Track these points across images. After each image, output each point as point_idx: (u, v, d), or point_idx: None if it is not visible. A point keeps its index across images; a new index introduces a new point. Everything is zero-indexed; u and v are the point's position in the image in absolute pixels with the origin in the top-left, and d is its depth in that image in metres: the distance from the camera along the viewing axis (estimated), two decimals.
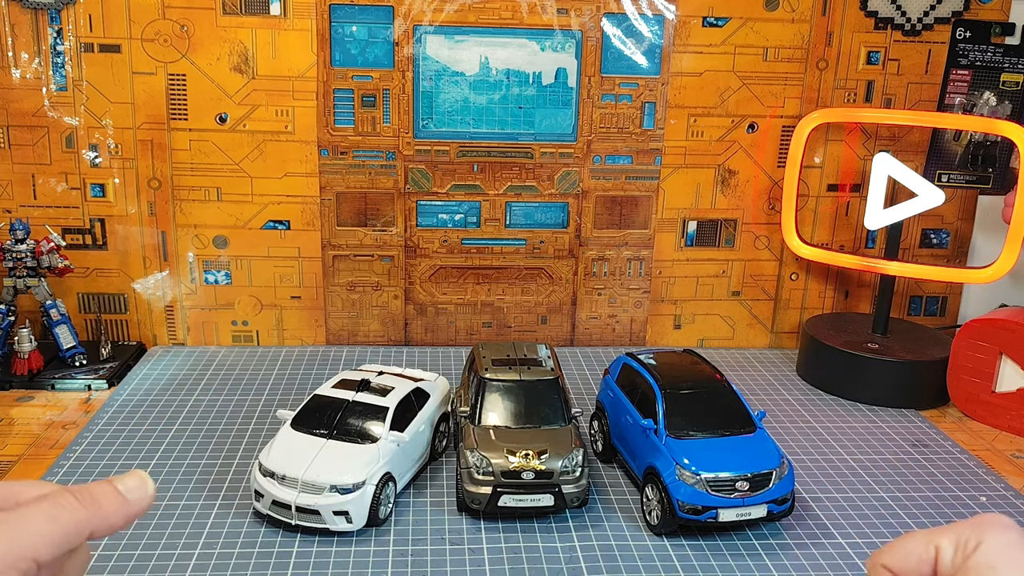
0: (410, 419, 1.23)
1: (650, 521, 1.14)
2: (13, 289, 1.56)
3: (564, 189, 1.72)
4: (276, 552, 1.07)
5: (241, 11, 1.57)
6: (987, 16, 1.70)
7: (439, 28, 1.61)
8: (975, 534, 0.45)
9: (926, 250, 1.83)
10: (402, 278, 1.74)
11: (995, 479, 1.32)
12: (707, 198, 1.75)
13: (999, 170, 1.77)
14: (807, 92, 1.71)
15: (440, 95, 1.64)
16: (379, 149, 1.67)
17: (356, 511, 1.09)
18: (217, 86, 1.60)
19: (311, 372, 1.63)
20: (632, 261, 1.77)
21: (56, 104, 1.59)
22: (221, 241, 1.69)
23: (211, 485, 1.22)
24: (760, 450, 1.14)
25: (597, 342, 1.82)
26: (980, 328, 1.52)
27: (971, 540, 0.45)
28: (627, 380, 1.30)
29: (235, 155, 1.64)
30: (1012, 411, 1.49)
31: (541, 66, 1.64)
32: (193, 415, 1.44)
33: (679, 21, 1.65)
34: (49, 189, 1.63)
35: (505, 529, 1.13)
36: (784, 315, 1.84)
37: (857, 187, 1.77)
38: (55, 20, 1.55)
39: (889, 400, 1.57)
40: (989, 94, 1.72)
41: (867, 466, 1.35)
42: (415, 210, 1.71)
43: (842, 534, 1.15)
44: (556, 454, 1.14)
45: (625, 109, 1.68)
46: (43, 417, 1.43)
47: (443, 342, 1.79)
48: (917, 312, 1.87)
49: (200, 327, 1.74)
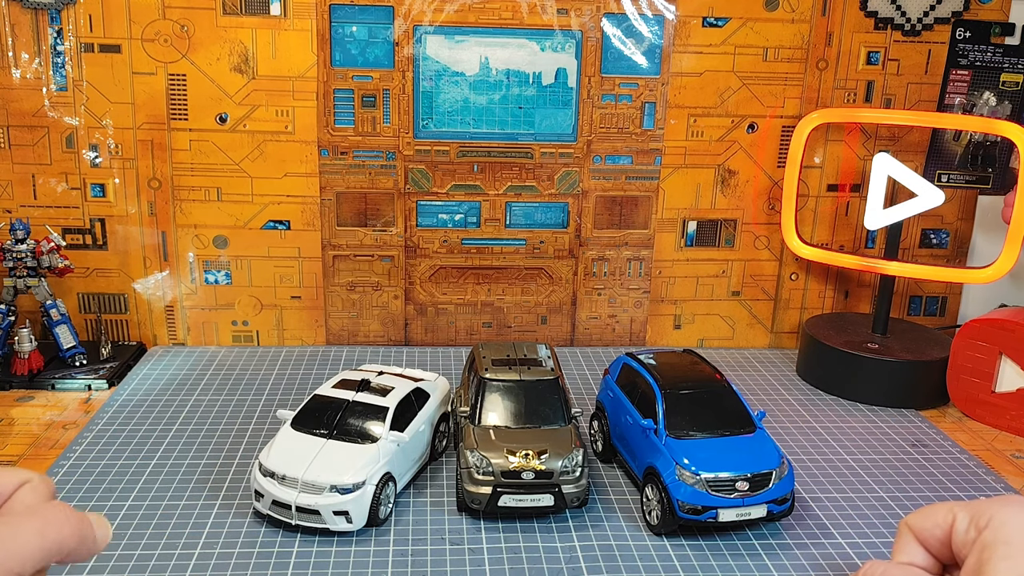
0: (410, 419, 1.23)
1: (650, 521, 1.14)
2: (13, 289, 1.56)
3: (564, 189, 1.72)
4: (276, 552, 1.07)
5: (241, 11, 1.57)
6: (987, 16, 1.70)
7: (439, 28, 1.61)
8: (991, 511, 0.46)
9: (926, 250, 1.83)
10: (402, 278, 1.75)
11: (995, 479, 1.32)
12: (707, 198, 1.75)
13: (999, 170, 1.78)
14: (807, 92, 1.71)
15: (440, 95, 1.64)
16: (379, 149, 1.67)
17: (356, 511, 1.09)
18: (217, 86, 1.61)
19: (311, 372, 1.63)
20: (632, 261, 1.77)
21: (56, 104, 1.59)
22: (221, 241, 1.69)
23: (211, 485, 1.22)
24: (760, 450, 1.14)
25: (597, 342, 1.82)
26: (980, 328, 1.52)
27: (985, 516, 0.45)
28: (627, 380, 1.30)
29: (235, 155, 1.64)
30: (1012, 411, 1.49)
31: (541, 66, 1.64)
32: (193, 415, 1.44)
33: (679, 21, 1.65)
34: (49, 189, 1.63)
35: (505, 529, 1.13)
36: (784, 315, 1.84)
37: (857, 187, 1.77)
38: (55, 20, 1.55)
39: (889, 400, 1.57)
40: (989, 94, 1.73)
41: (867, 466, 1.35)
42: (415, 210, 1.71)
43: (842, 534, 1.15)
44: (556, 454, 1.14)
45: (625, 109, 1.68)
46: (43, 417, 1.43)
47: (443, 342, 1.79)
48: (917, 312, 1.87)
49: (200, 327, 1.74)
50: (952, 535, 0.48)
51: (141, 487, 1.21)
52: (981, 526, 0.46)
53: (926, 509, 0.50)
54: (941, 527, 0.48)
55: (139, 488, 1.21)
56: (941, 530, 0.48)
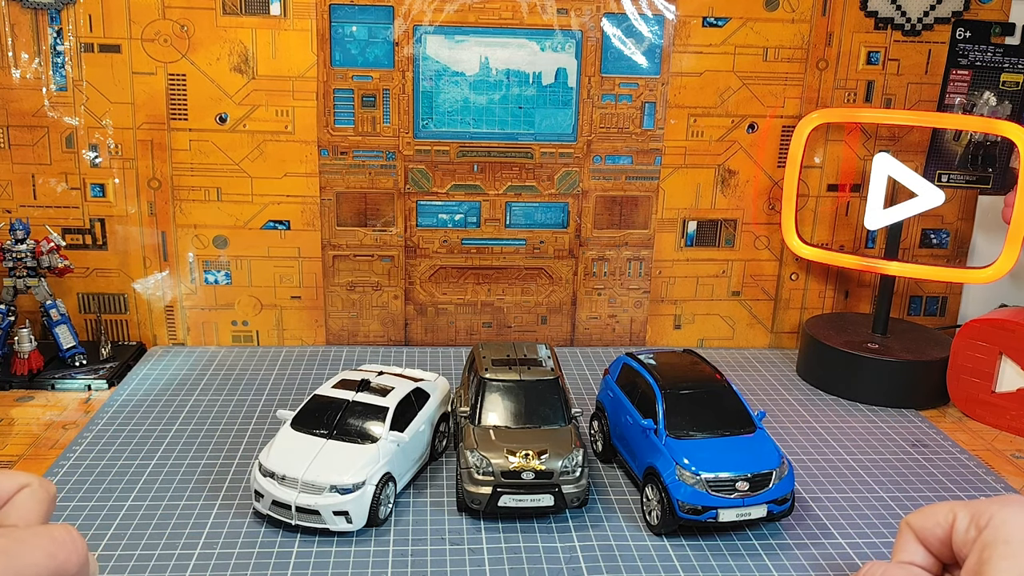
0: (410, 419, 1.23)
1: (650, 521, 1.14)
2: (13, 289, 1.56)
3: (564, 189, 1.72)
4: (276, 552, 1.07)
5: (241, 11, 1.57)
6: (987, 16, 1.70)
7: (439, 28, 1.61)
8: (991, 510, 0.46)
9: (926, 250, 1.83)
10: (402, 278, 1.74)
11: (995, 479, 1.32)
12: (707, 198, 1.75)
13: (999, 170, 1.78)
14: (807, 92, 1.71)
15: (440, 95, 1.64)
16: (379, 149, 1.67)
17: (356, 511, 1.09)
18: (217, 86, 1.60)
19: (311, 372, 1.63)
20: (632, 261, 1.77)
21: (56, 104, 1.59)
22: (221, 241, 1.69)
23: (211, 485, 1.22)
24: (760, 450, 1.14)
25: (597, 342, 1.82)
26: (980, 328, 1.52)
27: (985, 515, 0.45)
28: (627, 380, 1.30)
29: (235, 155, 1.64)
30: (1012, 411, 1.49)
31: (541, 66, 1.64)
32: (193, 415, 1.44)
33: (679, 21, 1.65)
34: (49, 189, 1.63)
35: (505, 529, 1.13)
36: (784, 315, 1.84)
37: (857, 187, 1.77)
38: (55, 20, 1.55)
39: (889, 400, 1.57)
40: (989, 94, 1.73)
41: (867, 466, 1.35)
42: (415, 210, 1.71)
43: (842, 534, 1.15)
44: (556, 454, 1.14)
45: (625, 109, 1.68)
46: (43, 417, 1.43)
47: (443, 342, 1.79)
48: (917, 312, 1.87)
49: (200, 327, 1.74)
50: (952, 534, 0.48)
51: (141, 487, 1.21)
52: (981, 525, 0.46)
53: (927, 509, 0.50)
54: (942, 526, 0.48)
55: (139, 488, 1.21)
56: (942, 529, 0.48)
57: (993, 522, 0.45)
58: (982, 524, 0.46)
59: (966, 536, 0.46)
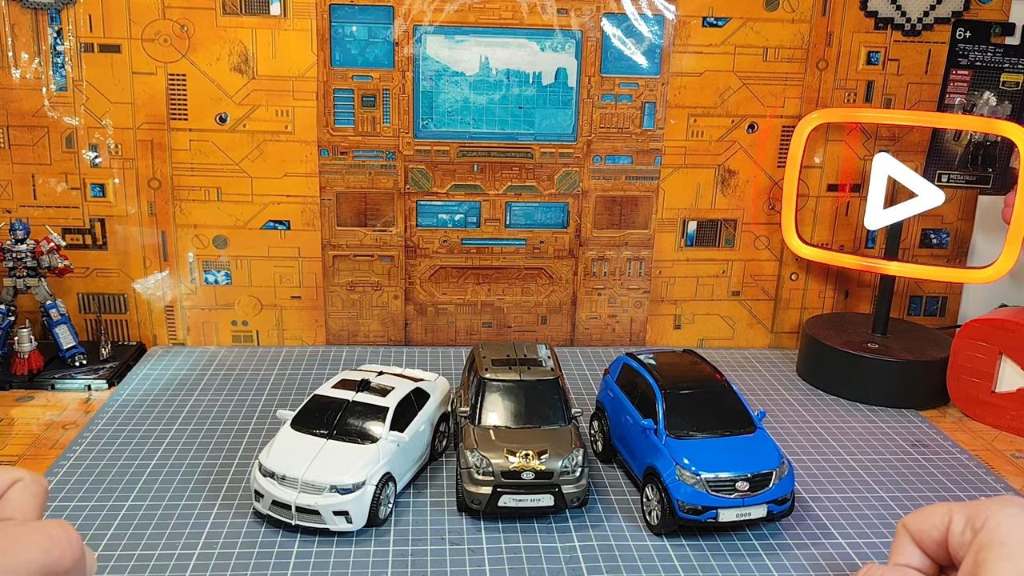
0: (410, 419, 1.23)
1: (650, 521, 1.14)
2: (13, 289, 1.56)
3: (564, 189, 1.72)
4: (276, 552, 1.07)
5: (241, 11, 1.57)
6: (987, 16, 1.70)
7: (439, 28, 1.61)
8: (987, 512, 0.45)
9: (926, 250, 1.83)
10: (402, 278, 1.74)
11: (995, 479, 1.32)
12: (707, 198, 1.75)
13: (999, 170, 1.78)
14: (807, 92, 1.71)
15: (440, 95, 1.64)
16: (379, 149, 1.67)
17: (356, 511, 1.09)
18: (217, 86, 1.60)
19: (311, 372, 1.63)
20: (632, 261, 1.77)
21: (56, 104, 1.59)
22: (221, 241, 1.69)
23: (211, 485, 1.22)
24: (760, 450, 1.14)
25: (597, 342, 1.82)
26: (980, 328, 1.52)
27: (981, 517, 0.45)
28: (627, 380, 1.30)
29: (235, 155, 1.64)
30: (1012, 411, 1.49)
31: (541, 66, 1.64)
32: (193, 415, 1.44)
33: (679, 21, 1.65)
34: (49, 189, 1.63)
35: (505, 529, 1.13)
36: (784, 315, 1.84)
37: (857, 187, 1.77)
38: (55, 20, 1.55)
39: (889, 400, 1.57)
40: (989, 94, 1.73)
41: (867, 466, 1.35)
42: (415, 210, 1.71)
43: (842, 534, 1.15)
44: (556, 454, 1.14)
45: (625, 109, 1.68)
46: (43, 417, 1.43)
47: (443, 342, 1.79)
48: (917, 312, 1.87)
49: (200, 327, 1.74)
50: (948, 536, 0.47)
51: (141, 487, 1.21)
52: (977, 527, 0.46)
53: (924, 510, 0.50)
54: (938, 528, 0.48)
55: (139, 488, 1.21)
56: (938, 531, 0.48)
57: (989, 524, 0.45)
58: (978, 526, 0.45)
59: (962, 538, 0.46)
